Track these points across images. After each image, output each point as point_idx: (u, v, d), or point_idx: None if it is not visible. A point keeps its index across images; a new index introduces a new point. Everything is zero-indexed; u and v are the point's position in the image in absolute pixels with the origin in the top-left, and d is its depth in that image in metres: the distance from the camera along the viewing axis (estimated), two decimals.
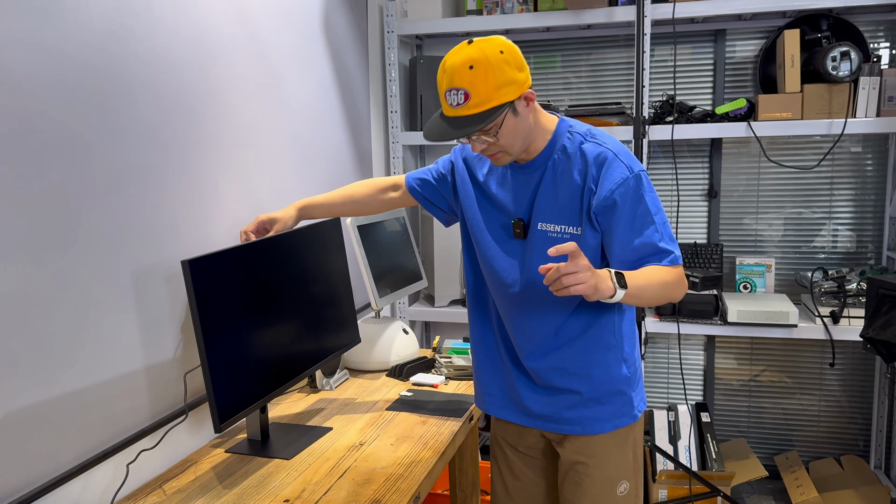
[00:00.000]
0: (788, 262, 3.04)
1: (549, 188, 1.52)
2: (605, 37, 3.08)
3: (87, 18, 1.38)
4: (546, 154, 1.52)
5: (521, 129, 1.45)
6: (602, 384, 1.59)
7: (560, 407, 1.61)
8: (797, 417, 3.13)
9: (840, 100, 2.55)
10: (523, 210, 1.56)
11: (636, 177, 1.45)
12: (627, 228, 1.46)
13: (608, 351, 1.59)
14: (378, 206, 1.84)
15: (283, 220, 1.80)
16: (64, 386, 1.35)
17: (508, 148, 1.46)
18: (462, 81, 1.38)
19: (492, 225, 1.61)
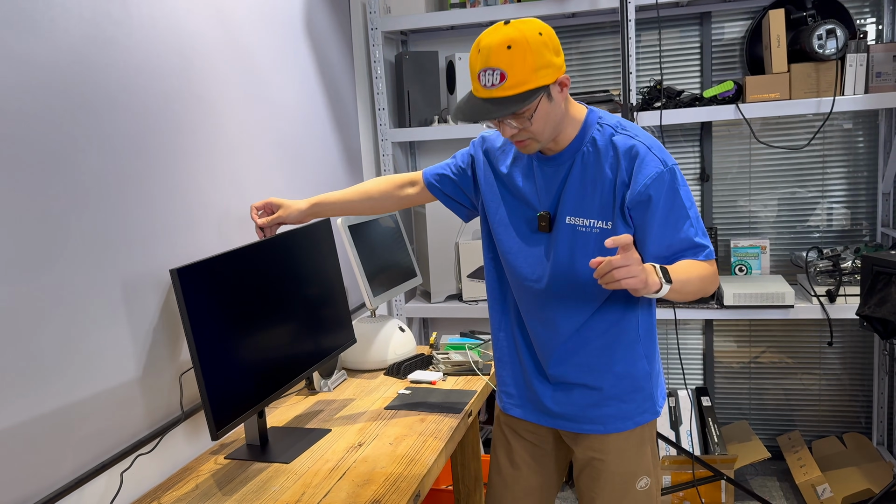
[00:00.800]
0: (783, 243, 3.03)
1: (577, 181, 1.48)
2: (591, 24, 3.06)
3: (64, 29, 1.37)
4: (575, 145, 1.49)
5: (554, 115, 1.42)
6: (624, 380, 1.57)
7: (581, 405, 1.58)
8: (798, 397, 3.13)
9: (828, 78, 2.54)
10: (549, 203, 1.53)
11: (670, 171, 1.43)
12: (662, 224, 1.43)
13: (631, 347, 1.57)
14: (394, 203, 1.79)
15: (288, 209, 1.76)
16: (57, 400, 1.34)
17: (539, 135, 1.42)
18: (499, 61, 1.34)
19: (515, 219, 1.58)
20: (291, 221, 1.78)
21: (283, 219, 1.76)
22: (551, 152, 1.51)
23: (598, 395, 1.57)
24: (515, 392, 1.69)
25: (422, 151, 3.32)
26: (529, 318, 1.61)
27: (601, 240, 1.48)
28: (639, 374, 1.58)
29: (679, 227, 1.43)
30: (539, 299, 1.57)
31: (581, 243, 1.49)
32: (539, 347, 1.60)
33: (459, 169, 1.70)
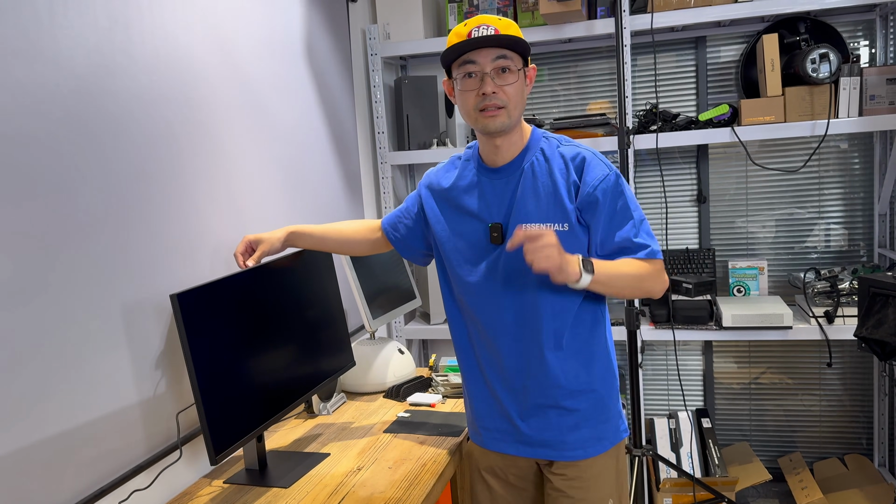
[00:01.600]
0: (781, 264, 3.05)
1: (528, 190, 1.53)
2: (588, 49, 3.10)
3: (69, 57, 1.40)
4: (523, 155, 1.55)
5: (523, 97, 1.51)
6: (600, 400, 1.58)
7: (561, 429, 1.58)
8: (799, 418, 3.12)
9: (822, 101, 2.57)
10: (501, 215, 1.56)
11: (616, 175, 1.51)
12: (607, 224, 1.51)
13: (604, 363, 1.60)
14: (367, 247, 1.84)
15: (269, 241, 1.78)
16: (56, 425, 1.35)
17: (513, 106, 1.48)
18: (493, 22, 1.45)
19: (467, 238, 1.60)
20: (274, 252, 1.81)
21: (266, 253, 1.78)
22: (501, 162, 1.56)
23: (578, 416, 1.57)
24: (492, 425, 1.66)
25: (420, 174, 3.35)
26: (496, 340, 1.59)
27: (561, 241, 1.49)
28: (612, 392, 1.61)
29: (622, 226, 1.50)
30: (500, 316, 1.57)
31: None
32: (511, 371, 1.59)
33: (409, 211, 1.75)
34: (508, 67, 1.46)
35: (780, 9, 2.60)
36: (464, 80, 1.48)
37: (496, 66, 1.45)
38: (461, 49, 1.44)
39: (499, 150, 1.55)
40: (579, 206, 1.50)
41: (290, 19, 2.31)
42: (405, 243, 1.77)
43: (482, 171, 1.59)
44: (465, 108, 1.51)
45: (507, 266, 1.54)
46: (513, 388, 1.60)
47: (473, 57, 1.45)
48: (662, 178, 3.07)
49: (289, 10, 2.30)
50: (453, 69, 1.50)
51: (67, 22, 1.40)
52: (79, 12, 1.43)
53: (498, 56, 1.44)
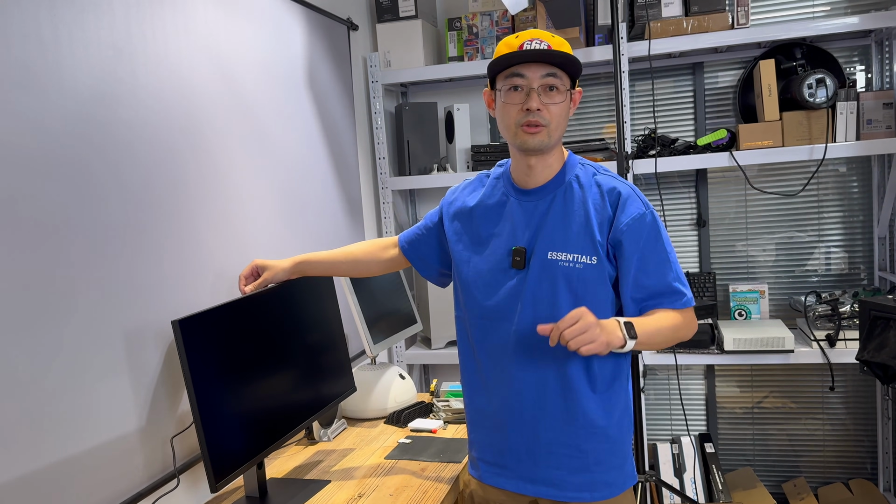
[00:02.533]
0: (782, 287, 3.05)
1: (559, 215, 1.47)
2: (587, 75, 3.13)
3: (72, 88, 1.41)
4: (558, 180, 1.50)
5: (566, 120, 1.47)
6: (615, 444, 1.52)
7: (568, 469, 1.50)
8: (802, 443, 3.10)
9: (819, 125, 2.59)
10: (525, 238, 1.50)
11: (651, 214, 1.46)
12: (642, 266, 1.44)
13: (623, 406, 1.53)
14: (379, 266, 1.80)
15: (274, 270, 1.77)
16: (56, 452, 1.35)
17: (555, 126, 1.44)
18: (547, 38, 1.42)
19: (487, 257, 1.54)
20: (277, 281, 1.79)
21: (269, 281, 1.77)
22: (534, 184, 1.51)
23: (587, 458, 1.50)
24: (492, 459, 1.58)
25: (421, 199, 3.36)
26: (512, 370, 1.52)
27: (585, 275, 1.45)
28: (626, 437, 1.54)
29: (659, 271, 1.45)
30: (514, 347, 1.50)
31: (563, 279, 1.46)
32: (524, 405, 1.51)
33: (428, 228, 1.71)
34: (557, 86, 1.41)
35: (777, 35, 2.63)
36: (508, 93, 1.43)
37: (544, 84, 1.41)
38: (511, 60, 1.39)
39: (532, 171, 1.49)
40: (612, 243, 1.45)
41: (292, 47, 2.34)
42: (423, 261, 1.73)
43: (511, 191, 1.54)
44: (505, 122, 1.46)
45: (531, 293, 1.48)
46: (523, 421, 1.52)
47: (523, 70, 1.40)
48: (662, 203, 3.09)
49: (291, 39, 2.33)
50: (498, 80, 1.45)
51: (71, 51, 1.42)
52: (83, 42, 1.45)
53: (548, 73, 1.40)
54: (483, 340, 1.56)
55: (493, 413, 1.57)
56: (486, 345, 1.55)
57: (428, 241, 1.71)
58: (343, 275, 1.82)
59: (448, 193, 1.69)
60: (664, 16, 2.72)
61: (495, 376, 1.55)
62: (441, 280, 1.76)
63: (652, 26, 2.70)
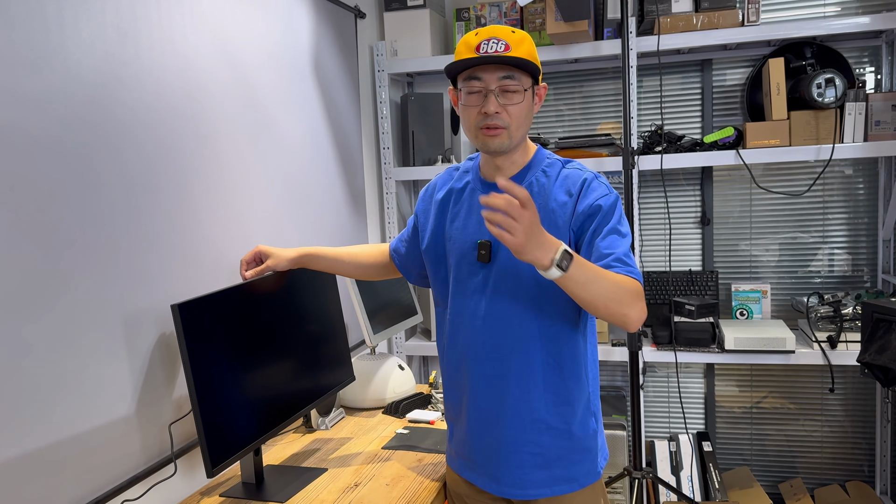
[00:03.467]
0: (785, 287, 3.04)
1: None
2: (595, 69, 3.12)
3: (75, 69, 1.41)
4: (524, 173, 1.50)
5: (529, 117, 1.45)
6: (574, 440, 1.51)
7: (531, 467, 1.50)
8: (800, 444, 3.10)
9: (827, 126, 2.58)
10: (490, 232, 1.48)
11: (616, 197, 1.46)
12: (594, 235, 1.42)
13: (585, 404, 1.52)
14: (380, 271, 1.81)
15: (276, 258, 1.76)
16: (52, 434, 1.35)
17: (515, 127, 1.43)
18: (504, 36, 1.40)
19: (454, 250, 1.54)
20: (279, 269, 1.79)
21: (271, 268, 1.76)
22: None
23: (546, 456, 1.50)
24: (464, 452, 1.59)
25: None
26: (475, 364, 1.52)
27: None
28: (589, 434, 1.53)
29: (611, 243, 1.40)
30: (483, 337, 1.50)
31: (529, 273, 1.45)
32: (486, 399, 1.51)
33: (409, 233, 1.73)
34: (514, 87, 1.41)
35: (787, 33, 2.61)
36: (468, 96, 1.43)
37: (502, 85, 1.40)
38: (467, 64, 1.40)
39: (499, 169, 1.51)
40: (573, 226, 1.44)
41: (299, 34, 2.33)
42: (406, 266, 1.75)
43: (479, 185, 1.55)
44: (466, 124, 1.46)
45: (494, 287, 1.48)
46: (486, 417, 1.52)
47: (479, 73, 1.40)
48: (667, 200, 3.07)
49: (298, 26, 2.32)
50: (459, 80, 1.45)
51: (76, 33, 1.41)
52: (88, 24, 1.44)
53: (505, 75, 1.40)
54: (452, 334, 1.56)
55: (461, 409, 1.58)
56: (454, 339, 1.56)
57: (409, 248, 1.73)
58: (344, 274, 1.82)
59: (421, 191, 1.70)
60: (674, 11, 2.71)
61: (461, 372, 1.56)
62: (424, 282, 1.76)
63: (661, 21, 2.68)
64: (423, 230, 1.64)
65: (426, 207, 1.65)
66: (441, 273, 1.59)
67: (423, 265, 1.72)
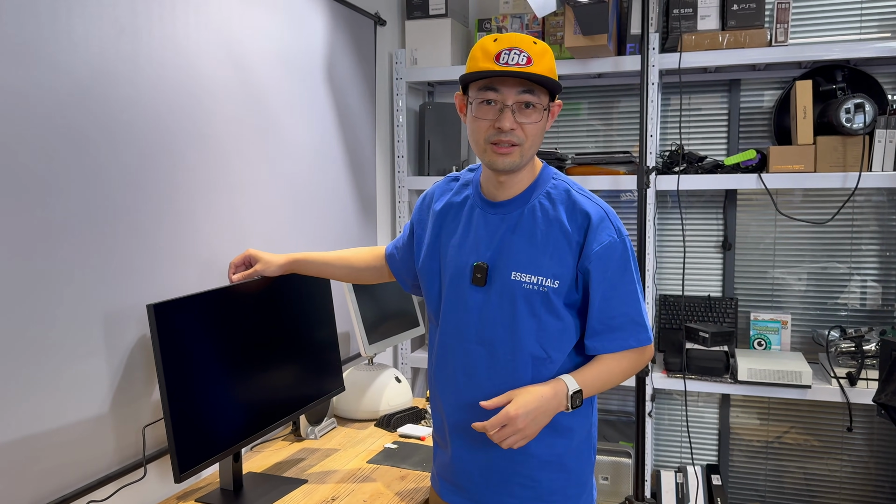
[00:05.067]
0: (807, 319, 2.91)
1: (525, 234, 1.39)
2: (618, 85, 3.05)
3: (67, 62, 1.40)
4: (527, 194, 1.41)
5: (540, 138, 1.38)
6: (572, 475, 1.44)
7: (523, 499, 1.43)
8: (819, 482, 2.96)
9: (855, 152, 2.47)
10: (488, 254, 1.41)
11: (623, 241, 1.38)
12: (608, 295, 1.37)
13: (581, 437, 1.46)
14: (373, 274, 1.74)
15: (266, 263, 1.72)
16: (24, 429, 1.33)
17: (529, 146, 1.35)
18: (527, 47, 1.30)
19: (447, 270, 1.46)
20: (269, 275, 1.74)
21: (259, 272, 1.72)
22: (502, 198, 1.42)
23: (540, 489, 1.42)
24: (449, 476, 1.51)
25: None
26: (465, 391, 1.44)
27: (549, 299, 1.37)
28: (585, 468, 1.46)
29: (624, 303, 1.37)
30: (475, 364, 1.42)
31: (525, 301, 1.38)
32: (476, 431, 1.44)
33: (404, 239, 1.65)
34: (533, 104, 1.32)
35: (818, 55, 2.51)
36: (480, 106, 1.33)
37: (520, 101, 1.31)
38: (487, 76, 1.30)
39: (502, 186, 1.41)
40: (580, 269, 1.37)
41: (313, 39, 2.31)
42: (400, 273, 1.68)
43: (478, 202, 1.45)
44: (474, 137, 1.36)
45: (488, 312, 1.41)
46: (476, 447, 1.45)
47: (497, 85, 1.31)
48: (682, 222, 2.98)
49: (312, 30, 2.30)
50: (471, 88, 1.35)
51: (69, 27, 1.41)
52: (83, 19, 1.44)
53: (524, 90, 1.31)
54: (442, 353, 1.49)
55: (449, 433, 1.50)
56: (443, 359, 1.49)
57: (404, 254, 1.66)
58: (336, 278, 1.77)
59: (419, 199, 1.62)
60: (700, 29, 2.63)
61: (448, 395, 1.48)
62: (417, 291, 1.69)
63: (686, 39, 2.61)
64: (420, 243, 1.56)
65: (423, 218, 1.58)
66: (434, 289, 1.51)
67: (415, 273, 1.65)
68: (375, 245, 2.81)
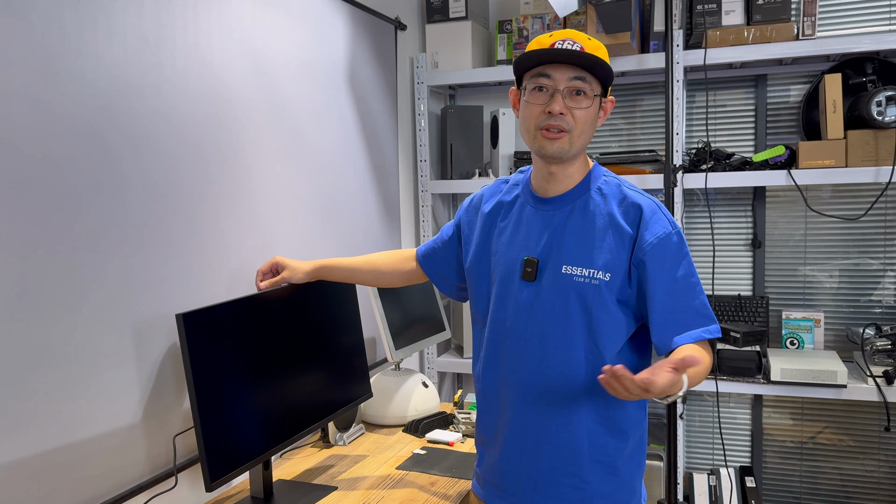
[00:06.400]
0: (841, 317, 2.85)
1: (576, 228, 1.38)
2: (642, 83, 3.01)
3: (93, 75, 1.41)
4: (579, 190, 1.41)
5: (592, 128, 1.38)
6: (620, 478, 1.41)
7: (572, 501, 1.41)
8: (856, 483, 2.90)
9: (887, 146, 2.41)
10: (538, 249, 1.40)
11: (678, 234, 1.37)
12: (669, 290, 1.35)
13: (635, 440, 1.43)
14: (400, 277, 1.74)
15: (293, 270, 1.74)
16: (57, 439, 1.34)
17: (578, 133, 1.35)
18: (581, 40, 1.34)
19: (498, 266, 1.45)
20: (295, 282, 1.75)
21: (286, 280, 1.73)
22: (553, 193, 1.43)
23: (590, 491, 1.40)
24: (494, 479, 1.49)
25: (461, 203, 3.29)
26: (518, 388, 1.42)
27: (601, 293, 1.35)
28: (636, 473, 1.44)
29: (688, 295, 1.35)
30: (527, 361, 1.41)
31: (577, 295, 1.36)
32: (528, 426, 1.42)
33: (444, 241, 1.64)
34: (584, 90, 1.32)
35: (847, 48, 2.46)
36: (532, 93, 1.35)
37: (571, 87, 1.32)
38: (538, 59, 1.31)
39: (552, 178, 1.41)
40: (634, 263, 1.35)
41: (334, 45, 2.31)
42: (440, 276, 1.67)
43: (529, 199, 1.45)
44: (525, 124, 1.37)
45: (539, 308, 1.39)
46: (525, 444, 1.43)
47: (549, 70, 1.32)
48: (711, 220, 2.94)
49: (333, 37, 2.31)
50: (525, 78, 1.37)
51: (95, 41, 1.42)
52: (108, 32, 1.45)
53: (576, 76, 1.32)
54: (490, 354, 1.48)
55: (496, 433, 1.48)
56: (492, 359, 1.47)
57: (444, 255, 1.64)
58: (363, 283, 1.77)
59: (465, 201, 1.62)
60: (724, 24, 2.59)
61: (499, 394, 1.47)
62: (460, 295, 1.68)
63: (711, 35, 2.57)
64: (468, 243, 1.55)
65: (471, 219, 1.57)
66: (483, 289, 1.50)
67: (458, 275, 1.64)
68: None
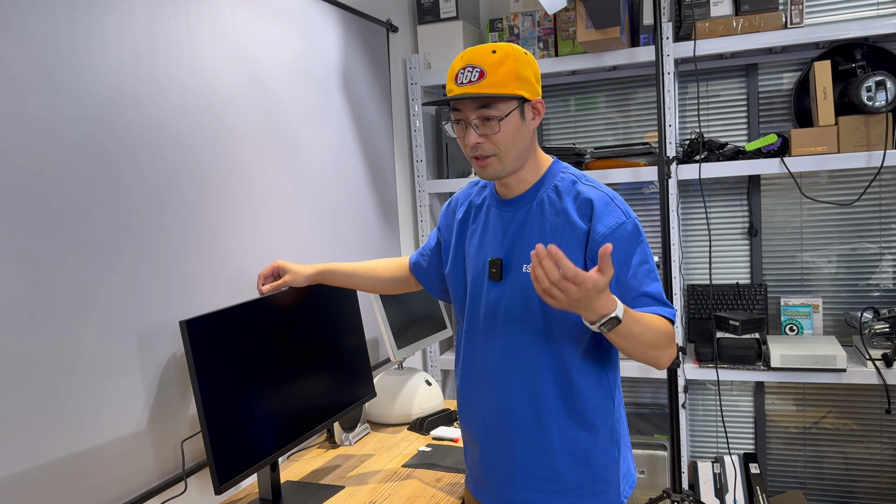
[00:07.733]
0: (838, 302, 2.88)
1: (535, 226, 1.42)
2: (634, 77, 3.03)
3: (89, 89, 1.43)
4: (535, 189, 1.45)
5: (522, 139, 1.38)
6: (595, 469, 1.44)
7: (548, 494, 1.44)
8: (859, 467, 2.92)
9: (878, 131, 2.43)
10: (502, 249, 1.46)
11: (633, 223, 1.38)
12: (624, 277, 1.36)
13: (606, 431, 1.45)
14: (398, 285, 1.79)
15: (294, 274, 1.77)
16: (63, 448, 1.36)
17: (504, 153, 1.37)
18: (481, 61, 1.33)
19: (469, 269, 1.52)
20: (297, 286, 1.78)
21: (288, 283, 1.76)
22: (511, 195, 1.47)
23: (564, 483, 1.43)
24: (477, 475, 1.54)
25: None
26: (489, 387, 1.47)
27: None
28: (611, 463, 1.46)
29: (643, 281, 1.35)
30: (497, 360, 1.45)
31: (534, 297, 1.40)
32: (500, 424, 1.46)
33: (430, 248, 1.70)
34: (492, 116, 1.34)
35: (835, 34, 2.48)
36: (456, 126, 1.40)
37: (480, 115, 1.35)
38: (437, 103, 1.38)
39: (505, 185, 1.47)
40: (589, 256, 1.37)
41: (327, 49, 2.33)
42: (429, 281, 1.72)
43: (493, 201, 1.51)
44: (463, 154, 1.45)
45: (505, 307, 1.44)
46: (500, 439, 1.47)
47: (457, 105, 1.37)
48: (706, 210, 2.96)
49: (325, 41, 2.33)
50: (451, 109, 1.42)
51: (89, 55, 1.44)
52: (101, 46, 1.47)
53: (480, 106, 1.34)
54: (467, 354, 1.53)
55: (474, 430, 1.53)
56: (469, 359, 1.53)
57: (431, 261, 1.71)
58: (363, 289, 1.81)
59: (444, 205, 1.68)
60: (713, 15, 2.61)
61: (474, 392, 1.52)
62: (447, 297, 1.73)
63: (700, 26, 2.59)
64: (447, 247, 1.62)
65: (448, 223, 1.64)
66: (460, 291, 1.56)
67: (444, 280, 1.70)
68: (399, 252, 2.83)
